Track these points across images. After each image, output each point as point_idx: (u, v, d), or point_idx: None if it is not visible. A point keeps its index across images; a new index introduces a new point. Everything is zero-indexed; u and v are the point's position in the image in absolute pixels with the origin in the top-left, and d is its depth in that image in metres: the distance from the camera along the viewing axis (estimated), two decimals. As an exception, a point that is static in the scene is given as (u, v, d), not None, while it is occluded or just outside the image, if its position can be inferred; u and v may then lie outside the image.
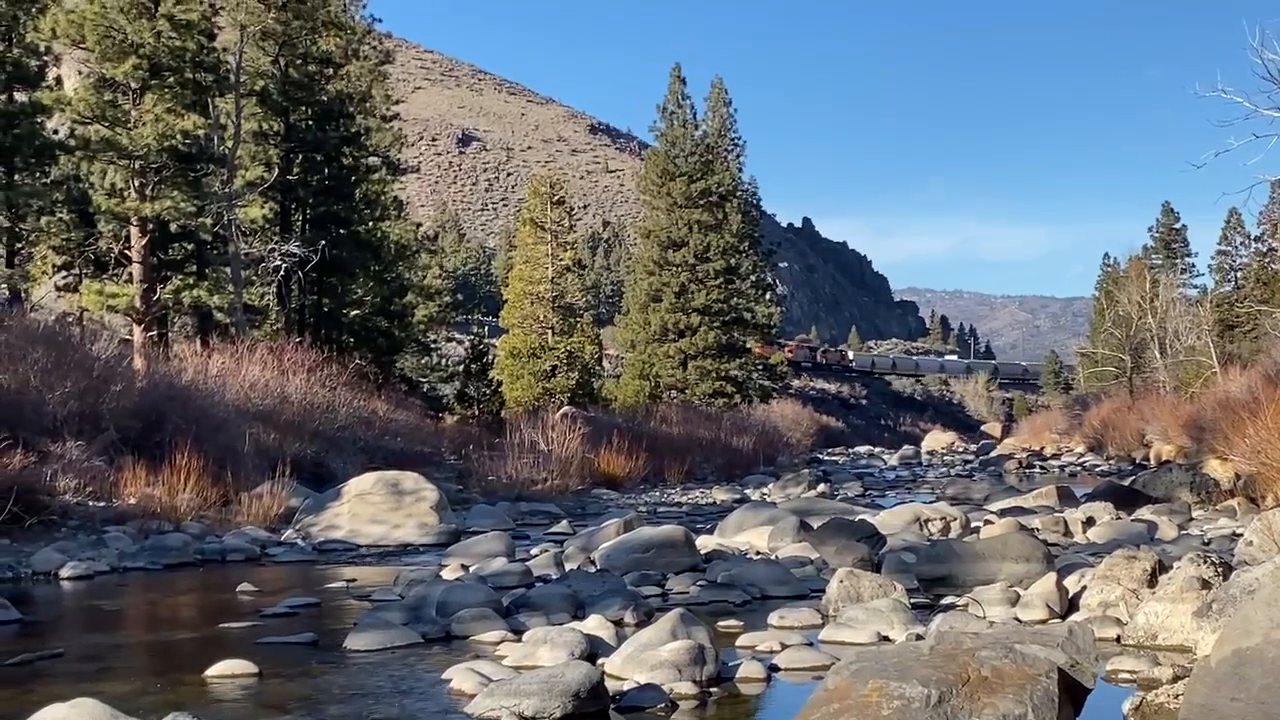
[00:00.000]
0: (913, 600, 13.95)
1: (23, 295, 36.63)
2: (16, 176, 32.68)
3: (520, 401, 48.32)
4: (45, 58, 34.72)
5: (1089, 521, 21.88)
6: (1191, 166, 24.94)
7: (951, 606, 13.68)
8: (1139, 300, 71.47)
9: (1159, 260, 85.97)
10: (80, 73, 36.94)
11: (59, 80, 37.56)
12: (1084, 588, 13.37)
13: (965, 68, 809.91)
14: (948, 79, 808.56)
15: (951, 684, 7.59)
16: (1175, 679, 9.84)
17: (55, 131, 34.62)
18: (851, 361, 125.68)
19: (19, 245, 36.52)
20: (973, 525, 21.63)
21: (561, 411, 42.53)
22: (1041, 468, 53.17)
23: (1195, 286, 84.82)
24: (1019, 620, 12.61)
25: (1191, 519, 23.68)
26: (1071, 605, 13.14)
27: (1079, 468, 52.59)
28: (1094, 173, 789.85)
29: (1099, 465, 52.78)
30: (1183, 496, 27.45)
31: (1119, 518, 22.66)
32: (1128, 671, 10.50)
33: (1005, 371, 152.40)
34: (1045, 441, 72.85)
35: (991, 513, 24.60)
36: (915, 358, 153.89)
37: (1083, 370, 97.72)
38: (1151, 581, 12.76)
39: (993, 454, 66.23)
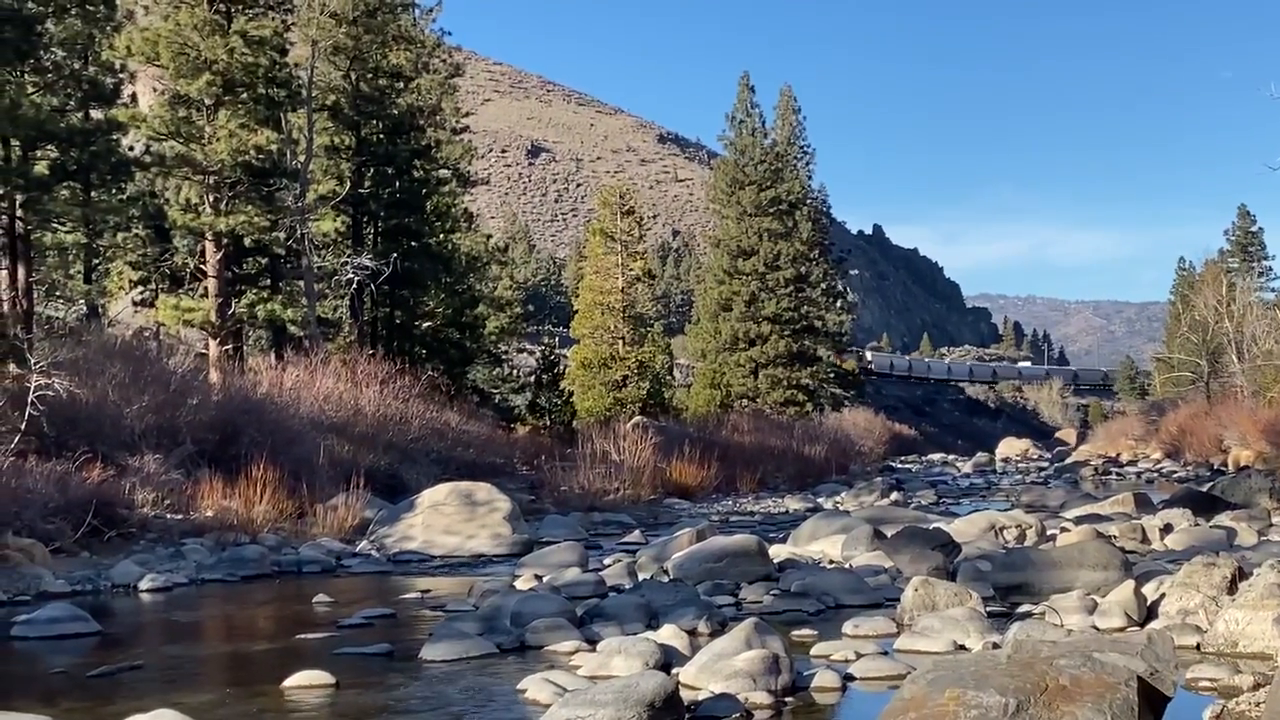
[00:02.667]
0: (989, 609, 13.88)
1: (100, 310, 37.09)
2: (93, 193, 33.04)
3: (591, 412, 48.39)
4: (120, 75, 35.03)
5: (1167, 528, 21.67)
6: (1267, 169, 24.64)
7: (1028, 615, 13.60)
8: (1215, 304, 70.62)
9: (1235, 263, 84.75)
10: (155, 90, 37.33)
11: (134, 97, 37.99)
12: (1163, 595, 13.25)
13: (1033, 71, 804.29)
14: (1016, 83, 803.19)
15: (1029, 693, 7.55)
16: (1256, 686, 9.75)
17: (131, 148, 34.97)
18: (870, 363, 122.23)
19: (96, 261, 36.97)
20: (1049, 533, 21.45)
21: (633, 421, 42.58)
22: (1118, 474, 52.63)
23: (1273, 290, 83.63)
24: (1097, 628, 12.51)
25: (1271, 525, 23.40)
26: (1150, 613, 13.03)
27: (1156, 474, 52.02)
28: (1168, 175, 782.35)
29: (1176, 471, 52.16)
30: (1262, 502, 27.15)
31: (1197, 524, 22.42)
32: (1208, 679, 10.40)
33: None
34: (1121, 448, 72.08)
35: (1068, 520, 24.36)
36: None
37: (1158, 376, 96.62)
38: (1231, 588, 12.62)
39: (1068, 461, 65.60)
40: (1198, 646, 11.75)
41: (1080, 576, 14.67)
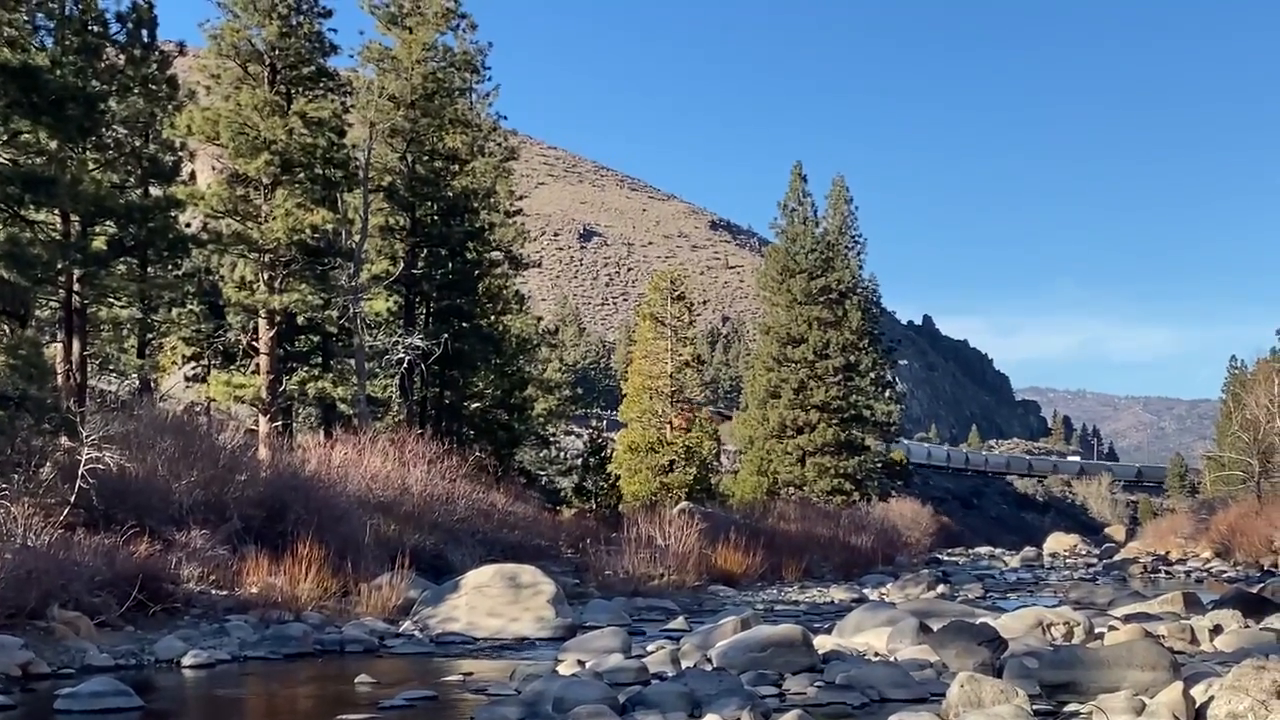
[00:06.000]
0: (1035, 707, 13.74)
1: (152, 385, 37.37)
2: (150, 269, 33.39)
3: (638, 496, 48.31)
4: (180, 153, 35.50)
5: (1216, 629, 21.41)
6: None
7: (1075, 714, 13.45)
8: (1267, 403, 70.10)
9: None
10: (214, 168, 37.79)
11: (193, 175, 38.43)
12: (1211, 698, 13.07)
13: (1097, 167, 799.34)
14: (1078, 178, 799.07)
15: (1076, 795, 7.48)
16: (1308, 795, 9.60)
17: (188, 225, 35.34)
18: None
19: (150, 336, 37.28)
20: (1096, 631, 21.25)
21: (679, 507, 42.49)
22: (1167, 573, 52.12)
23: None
24: (1144, 730, 12.36)
25: (1323, 628, 23.07)
26: (1198, 716, 12.86)
27: (1205, 573, 51.49)
28: (1221, 274, 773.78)
29: (1226, 571, 51.63)
30: (1314, 605, 26.75)
31: (1247, 626, 22.14)
32: (1258, 786, 10.26)
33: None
34: (1170, 546, 71.35)
35: (1116, 618, 24.14)
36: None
37: (1209, 474, 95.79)
38: (1282, 693, 12.46)
39: (1116, 557, 65.07)
40: (1247, 751, 11.59)
41: (1128, 676, 14.50)
